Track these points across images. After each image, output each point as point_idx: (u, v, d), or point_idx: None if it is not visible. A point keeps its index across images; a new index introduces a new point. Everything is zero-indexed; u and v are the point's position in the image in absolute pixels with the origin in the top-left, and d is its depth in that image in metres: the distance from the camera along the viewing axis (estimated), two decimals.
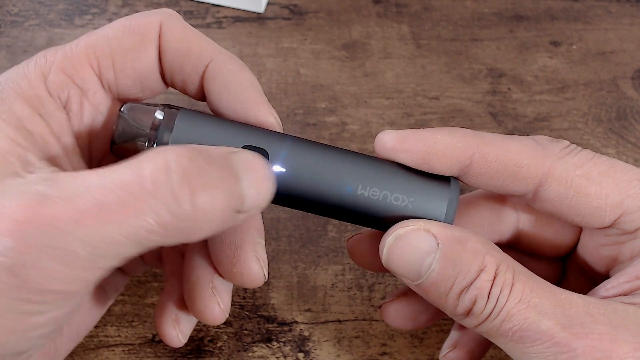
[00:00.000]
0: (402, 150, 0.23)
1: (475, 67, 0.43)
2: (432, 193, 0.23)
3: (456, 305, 0.21)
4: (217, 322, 0.25)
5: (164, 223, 0.19)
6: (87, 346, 0.29)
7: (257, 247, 0.24)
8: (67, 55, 0.23)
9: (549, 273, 0.28)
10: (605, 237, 0.24)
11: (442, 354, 0.27)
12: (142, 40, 0.24)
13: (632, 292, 0.22)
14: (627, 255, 0.24)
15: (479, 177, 0.23)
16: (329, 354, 0.30)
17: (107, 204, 0.18)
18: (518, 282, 0.21)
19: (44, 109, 0.22)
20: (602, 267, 0.25)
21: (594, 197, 0.22)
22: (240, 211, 0.21)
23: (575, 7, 0.48)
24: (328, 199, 0.23)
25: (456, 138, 0.23)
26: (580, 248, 0.26)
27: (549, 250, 0.27)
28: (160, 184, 0.19)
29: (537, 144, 0.23)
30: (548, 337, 0.20)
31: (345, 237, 0.34)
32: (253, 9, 0.46)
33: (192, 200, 0.19)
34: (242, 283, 0.24)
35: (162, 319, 0.26)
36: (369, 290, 0.32)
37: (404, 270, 0.22)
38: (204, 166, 0.20)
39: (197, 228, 0.20)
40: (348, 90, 0.41)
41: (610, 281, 0.23)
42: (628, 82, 0.43)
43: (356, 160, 0.23)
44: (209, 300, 0.25)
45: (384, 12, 0.47)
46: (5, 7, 0.45)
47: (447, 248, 0.21)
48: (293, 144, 0.23)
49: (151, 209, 0.19)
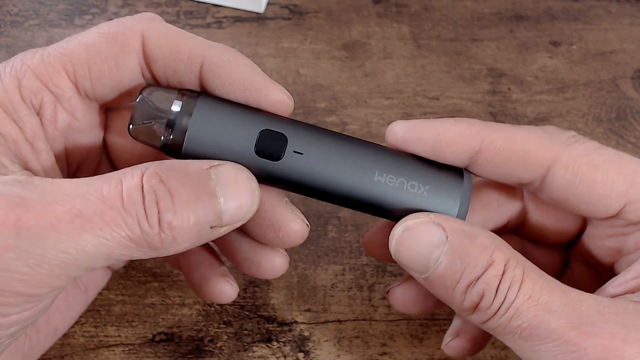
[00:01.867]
0: (413, 139, 0.23)
1: (475, 67, 0.43)
2: (446, 182, 0.23)
3: (463, 299, 0.21)
4: (284, 269, 0.26)
5: (135, 239, 0.20)
6: (87, 346, 0.29)
7: (288, 205, 0.24)
8: (44, 60, 0.23)
9: (552, 261, 0.28)
10: (610, 227, 0.24)
11: (444, 342, 0.26)
12: (121, 49, 0.23)
13: (639, 289, 0.22)
14: (632, 247, 0.24)
15: (488, 164, 0.23)
16: (329, 354, 0.30)
17: (85, 213, 0.19)
18: (528, 279, 0.21)
19: (16, 114, 0.22)
20: (607, 258, 0.25)
21: (600, 184, 0.23)
22: (219, 226, 0.21)
23: (575, 7, 0.48)
24: (345, 185, 0.23)
25: (465, 126, 0.23)
26: (585, 238, 0.26)
27: (553, 237, 0.27)
28: (134, 202, 0.20)
29: (544, 132, 0.23)
30: (558, 336, 0.20)
31: (345, 238, 0.34)
32: (253, 9, 0.46)
33: (160, 220, 0.20)
34: (290, 243, 0.24)
35: (212, 282, 0.26)
36: (369, 290, 0.32)
37: (412, 262, 0.22)
38: (176, 187, 0.20)
39: (167, 246, 0.20)
40: (348, 90, 0.41)
41: (617, 278, 0.23)
42: (628, 82, 0.43)
43: (372, 148, 0.23)
44: (274, 256, 0.26)
45: (384, 12, 0.47)
46: (5, 7, 0.45)
47: (456, 241, 0.21)
48: (312, 130, 0.23)
49: (125, 223, 0.19)
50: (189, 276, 0.27)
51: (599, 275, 0.26)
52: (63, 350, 0.29)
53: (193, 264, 0.27)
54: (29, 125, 0.23)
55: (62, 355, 0.29)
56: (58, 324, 0.27)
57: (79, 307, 0.29)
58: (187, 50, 0.23)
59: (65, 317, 0.28)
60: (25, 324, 0.21)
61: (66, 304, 0.27)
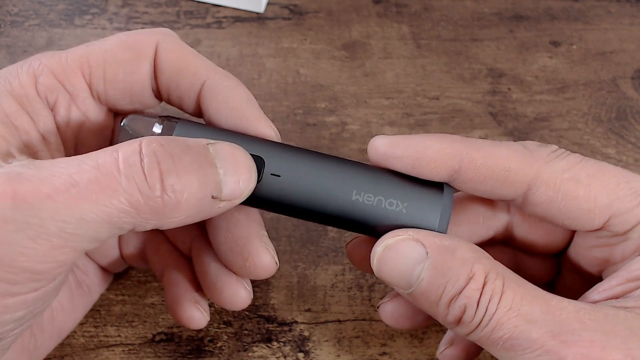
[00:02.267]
0: (393, 155, 0.23)
1: (475, 67, 0.43)
2: (426, 199, 0.23)
3: (446, 313, 0.22)
4: (245, 304, 0.25)
5: (136, 204, 0.19)
6: (87, 346, 0.29)
7: (263, 238, 0.24)
8: (62, 61, 0.24)
9: (544, 270, 0.28)
10: (596, 239, 0.24)
11: (439, 351, 0.27)
12: (136, 57, 0.24)
13: (623, 295, 0.22)
14: (618, 257, 0.24)
15: (468, 182, 0.23)
16: (329, 354, 0.30)
17: (80, 181, 0.19)
18: (508, 290, 0.21)
19: (31, 107, 0.23)
20: (594, 267, 0.25)
21: (583, 199, 0.23)
22: (219, 198, 0.21)
23: (575, 7, 0.48)
24: (323, 205, 0.23)
25: (445, 144, 0.23)
26: (572, 249, 0.26)
27: (541, 248, 0.27)
28: (132, 165, 0.19)
29: (524, 148, 0.23)
30: (538, 346, 0.20)
31: (345, 238, 0.34)
32: (253, 9, 0.46)
33: (162, 182, 0.20)
34: (256, 275, 0.24)
35: (183, 306, 0.26)
36: (369, 290, 0.32)
37: (395, 280, 0.22)
38: (177, 152, 0.20)
39: (170, 211, 0.20)
40: (348, 90, 0.41)
41: (602, 284, 0.23)
42: (628, 82, 0.43)
43: (350, 167, 0.23)
44: (237, 287, 0.25)
45: (384, 12, 0.47)
46: (5, 7, 0.45)
47: (436, 257, 0.22)
48: (289, 152, 0.23)
49: (124, 189, 0.19)
50: (165, 292, 0.27)
51: (591, 283, 0.26)
52: (63, 350, 0.29)
53: (172, 280, 0.27)
54: (42, 119, 0.23)
55: (62, 355, 0.29)
56: (62, 325, 0.27)
57: (82, 308, 0.29)
58: (194, 68, 0.24)
59: (69, 318, 0.28)
60: (32, 307, 0.20)
61: (70, 304, 0.28)
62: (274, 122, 0.25)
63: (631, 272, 0.23)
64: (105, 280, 0.30)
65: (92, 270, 0.29)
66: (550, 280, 0.28)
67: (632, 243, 0.23)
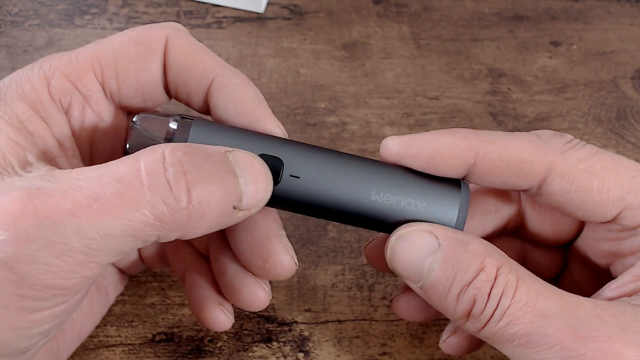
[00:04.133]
0: (407, 155, 0.23)
1: (475, 67, 0.43)
2: (443, 197, 0.23)
3: (455, 306, 0.21)
4: (263, 305, 0.25)
5: (161, 216, 0.19)
6: (87, 346, 0.29)
7: (283, 239, 0.24)
8: (72, 62, 0.23)
9: (551, 262, 0.28)
10: (606, 231, 0.24)
11: (442, 340, 0.26)
12: (147, 53, 0.24)
13: (636, 292, 0.22)
14: (627, 251, 0.24)
15: (484, 175, 0.23)
16: (329, 354, 0.30)
17: (102, 196, 0.18)
18: (523, 285, 0.21)
19: (45, 112, 0.23)
20: (602, 260, 0.25)
21: (597, 191, 0.23)
22: (239, 208, 0.21)
23: (575, 7, 0.48)
24: (343, 205, 0.23)
25: (458, 139, 0.23)
26: (581, 240, 0.26)
27: (551, 239, 0.27)
28: (156, 176, 0.19)
29: (539, 139, 0.23)
30: (556, 341, 0.20)
31: (345, 238, 0.34)
32: (253, 9, 0.46)
33: (188, 193, 0.19)
34: (275, 276, 0.24)
35: (208, 309, 0.26)
36: (369, 290, 0.32)
37: (406, 271, 0.22)
38: (201, 160, 0.20)
39: (195, 222, 0.20)
40: (348, 90, 0.41)
41: (614, 281, 0.23)
42: (628, 82, 0.43)
43: (369, 167, 0.23)
44: (256, 288, 0.25)
45: (384, 12, 0.47)
46: (5, 7, 0.45)
47: (448, 249, 0.21)
48: (307, 151, 0.23)
49: (147, 201, 0.19)
50: (188, 295, 0.27)
51: (598, 276, 0.26)
52: None
53: (194, 282, 0.27)
54: (57, 123, 0.23)
55: None
56: (82, 327, 0.27)
57: (100, 310, 0.29)
58: (202, 65, 0.24)
59: (88, 320, 0.28)
60: (58, 320, 0.20)
61: (90, 308, 0.28)
62: None
63: None
64: (122, 282, 0.30)
65: (111, 274, 0.29)
66: (556, 274, 0.28)
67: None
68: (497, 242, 0.24)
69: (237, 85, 0.24)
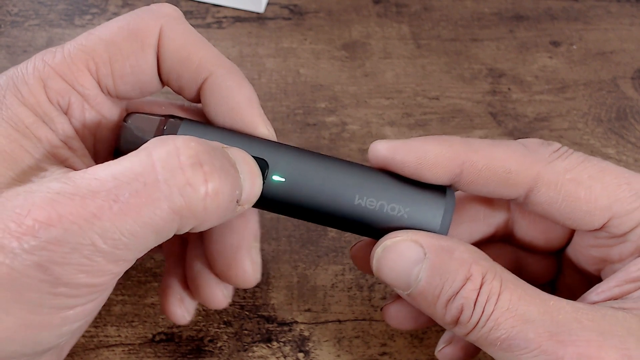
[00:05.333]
0: (394, 161, 0.23)
1: (475, 67, 0.43)
2: (427, 203, 0.23)
3: (444, 314, 0.22)
4: (220, 307, 0.26)
5: (178, 209, 0.19)
6: (87, 346, 0.29)
7: (252, 251, 0.24)
8: (66, 59, 0.23)
9: (544, 268, 0.28)
10: (595, 239, 0.24)
11: (437, 349, 0.27)
12: (141, 47, 0.24)
13: (622, 296, 0.22)
14: (616, 258, 0.24)
15: (471, 184, 0.23)
16: (329, 354, 0.30)
17: (121, 196, 0.19)
18: (506, 291, 0.21)
19: (46, 115, 0.23)
20: (593, 267, 0.25)
21: (584, 201, 0.23)
22: (239, 202, 0.21)
23: (575, 7, 0.48)
24: (326, 208, 0.23)
25: (445, 148, 0.23)
26: (571, 247, 0.26)
27: (541, 246, 0.27)
28: (172, 169, 0.19)
29: (525, 148, 0.23)
30: (535, 345, 0.20)
31: (345, 238, 0.34)
32: (253, 9, 0.46)
33: (206, 184, 0.19)
34: (235, 283, 0.25)
35: (168, 299, 0.26)
36: (369, 290, 0.32)
37: (394, 280, 0.22)
38: (212, 152, 0.20)
39: (210, 213, 0.20)
40: (348, 90, 0.41)
41: (600, 285, 0.23)
42: (628, 82, 0.43)
43: (354, 171, 0.23)
44: (214, 288, 0.25)
45: (384, 12, 0.47)
46: (5, 7, 0.45)
47: (434, 257, 0.22)
48: (293, 154, 0.23)
49: (166, 196, 0.19)
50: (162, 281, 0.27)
51: (590, 282, 0.26)
52: None
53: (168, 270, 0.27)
54: (60, 126, 0.23)
55: None
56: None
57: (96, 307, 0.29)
58: (197, 61, 0.24)
59: None
60: (88, 318, 0.21)
61: None
62: (273, 122, 0.25)
63: (629, 274, 0.23)
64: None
65: None
66: (552, 279, 0.28)
67: (631, 245, 0.23)
68: (489, 249, 0.24)
69: (230, 88, 0.24)
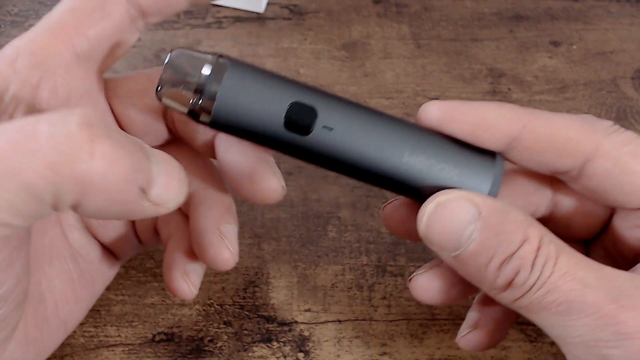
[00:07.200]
0: (450, 120, 0.22)
1: (475, 67, 0.43)
2: (477, 166, 0.22)
3: (497, 276, 0.21)
4: (228, 266, 0.25)
5: (53, 164, 0.17)
6: (87, 346, 0.29)
7: (271, 164, 0.24)
8: (33, 39, 0.23)
9: None
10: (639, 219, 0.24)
11: (460, 335, 0.26)
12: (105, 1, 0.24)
13: None
14: None
15: (526, 151, 0.23)
16: (329, 354, 0.30)
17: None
18: (563, 255, 0.21)
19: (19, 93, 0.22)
20: (632, 251, 0.25)
21: (639, 175, 0.22)
22: (148, 196, 0.19)
23: (575, 7, 0.48)
24: (373, 163, 0.22)
25: (505, 109, 0.22)
26: (611, 230, 0.26)
27: (577, 230, 0.27)
28: (56, 123, 0.18)
29: (584, 120, 0.23)
30: (595, 309, 0.20)
31: (345, 237, 0.34)
32: (253, 9, 0.46)
33: (91, 143, 0.17)
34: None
35: (172, 274, 0.26)
36: (369, 290, 0.32)
37: (444, 240, 0.22)
38: (110, 124, 0.19)
39: (94, 183, 0.18)
40: (348, 90, 0.41)
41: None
42: (628, 82, 0.43)
43: (404, 127, 0.23)
44: (219, 245, 0.25)
45: (384, 12, 0.47)
46: (5, 7, 0.45)
47: (489, 217, 0.21)
48: (343, 104, 0.22)
49: (39, 147, 0.17)
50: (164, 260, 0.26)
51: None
52: (63, 350, 0.29)
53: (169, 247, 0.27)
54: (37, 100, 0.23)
55: (62, 355, 0.29)
56: (67, 316, 0.27)
57: (86, 300, 0.28)
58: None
59: (73, 309, 0.27)
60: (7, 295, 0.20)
61: (73, 295, 0.27)
62: None
63: None
64: (111, 269, 0.29)
65: (95, 259, 0.28)
66: None
67: None
68: None
69: None
